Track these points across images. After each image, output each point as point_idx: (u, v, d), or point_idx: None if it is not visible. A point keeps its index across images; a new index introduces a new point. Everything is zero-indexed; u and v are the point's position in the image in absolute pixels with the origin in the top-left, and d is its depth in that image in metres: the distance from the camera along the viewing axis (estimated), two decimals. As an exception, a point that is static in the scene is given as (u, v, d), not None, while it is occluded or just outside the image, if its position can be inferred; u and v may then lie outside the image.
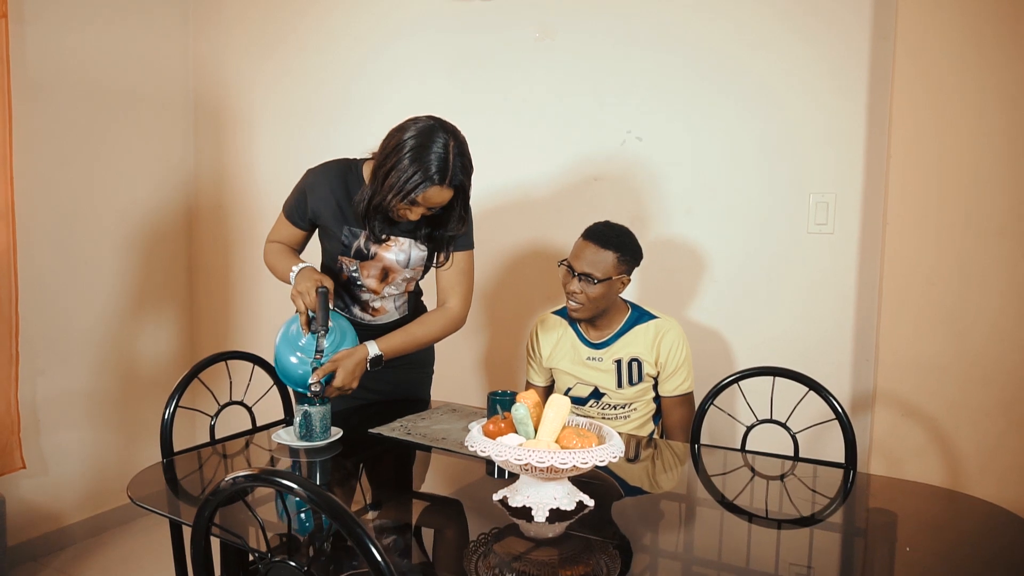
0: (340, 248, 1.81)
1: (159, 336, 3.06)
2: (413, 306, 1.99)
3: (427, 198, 1.61)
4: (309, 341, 1.70)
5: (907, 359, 1.94)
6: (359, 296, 1.88)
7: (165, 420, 1.66)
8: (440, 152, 1.58)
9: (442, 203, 1.65)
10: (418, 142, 1.58)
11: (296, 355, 1.71)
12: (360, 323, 1.90)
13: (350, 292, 1.88)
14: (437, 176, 1.58)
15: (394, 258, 1.81)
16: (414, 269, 1.86)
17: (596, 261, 1.92)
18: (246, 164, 3.04)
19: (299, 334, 1.71)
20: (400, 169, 1.58)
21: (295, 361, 1.71)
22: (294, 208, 1.83)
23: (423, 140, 1.58)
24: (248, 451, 1.74)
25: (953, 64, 1.85)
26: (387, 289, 1.86)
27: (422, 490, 1.55)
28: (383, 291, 1.86)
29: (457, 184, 1.62)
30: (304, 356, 1.70)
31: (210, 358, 1.81)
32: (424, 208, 1.65)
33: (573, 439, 1.29)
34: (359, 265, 1.82)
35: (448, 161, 1.58)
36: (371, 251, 1.79)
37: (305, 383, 1.69)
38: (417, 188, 1.58)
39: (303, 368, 1.70)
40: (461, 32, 2.56)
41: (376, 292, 1.86)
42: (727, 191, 2.24)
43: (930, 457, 1.94)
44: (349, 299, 1.89)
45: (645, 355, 2.00)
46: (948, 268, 1.89)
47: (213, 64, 3.06)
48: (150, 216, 2.99)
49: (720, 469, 1.71)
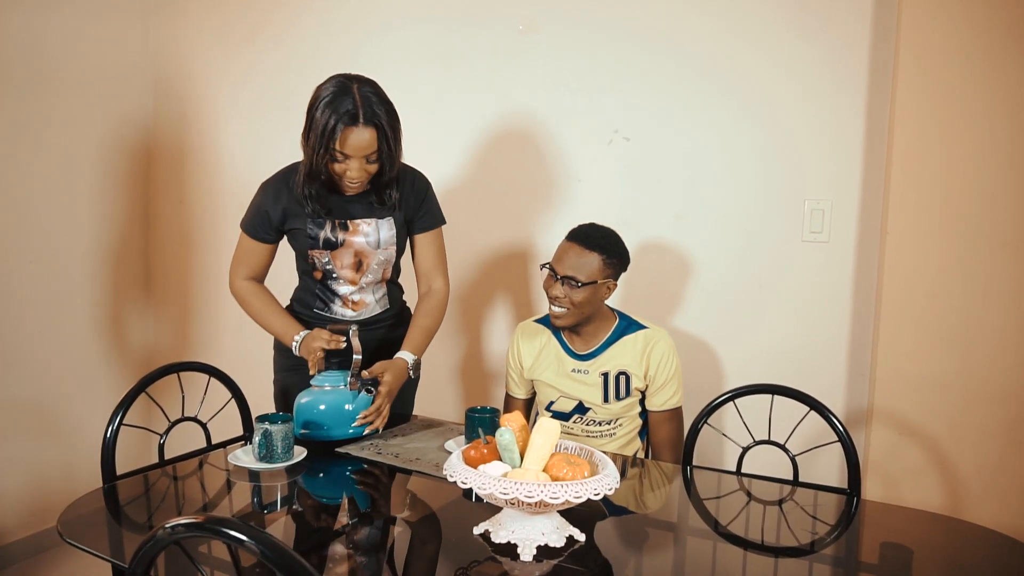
0: (308, 242, 1.75)
1: (112, 343, 2.87)
2: (395, 299, 1.93)
3: (349, 143, 1.58)
4: (325, 379, 1.69)
5: (906, 375, 1.85)
6: (337, 291, 1.82)
7: (107, 440, 1.50)
8: (351, 96, 1.58)
9: (368, 148, 1.61)
10: (327, 93, 1.59)
11: (322, 404, 1.66)
12: (343, 320, 1.84)
13: (327, 288, 1.82)
14: (347, 117, 1.56)
15: (363, 240, 1.77)
16: (386, 249, 1.79)
17: (580, 264, 1.80)
18: (211, 160, 2.87)
19: (313, 399, 1.67)
20: (316, 124, 1.58)
21: (323, 408, 1.65)
22: (256, 223, 1.78)
23: (332, 91, 1.59)
24: (202, 473, 1.59)
25: (957, 67, 1.76)
26: (363, 279, 1.81)
27: (394, 515, 1.41)
28: (360, 280, 1.80)
29: (375, 122, 1.59)
30: (329, 393, 1.67)
31: (160, 370, 1.65)
32: (358, 161, 1.61)
33: (563, 467, 1.17)
34: (330, 256, 1.76)
35: (357, 102, 1.57)
36: (339, 238, 1.75)
37: (342, 414, 1.65)
38: (334, 133, 1.56)
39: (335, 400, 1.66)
40: (441, 24, 2.42)
41: (354, 283, 1.81)
42: (718, 196, 2.13)
43: (929, 478, 1.85)
44: (328, 295, 1.82)
45: (633, 368, 1.88)
46: (950, 281, 1.80)
47: (175, 53, 2.88)
48: (103, 216, 2.80)
49: (713, 492, 1.60)
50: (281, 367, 1.92)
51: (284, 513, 1.40)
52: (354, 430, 1.65)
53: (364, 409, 1.65)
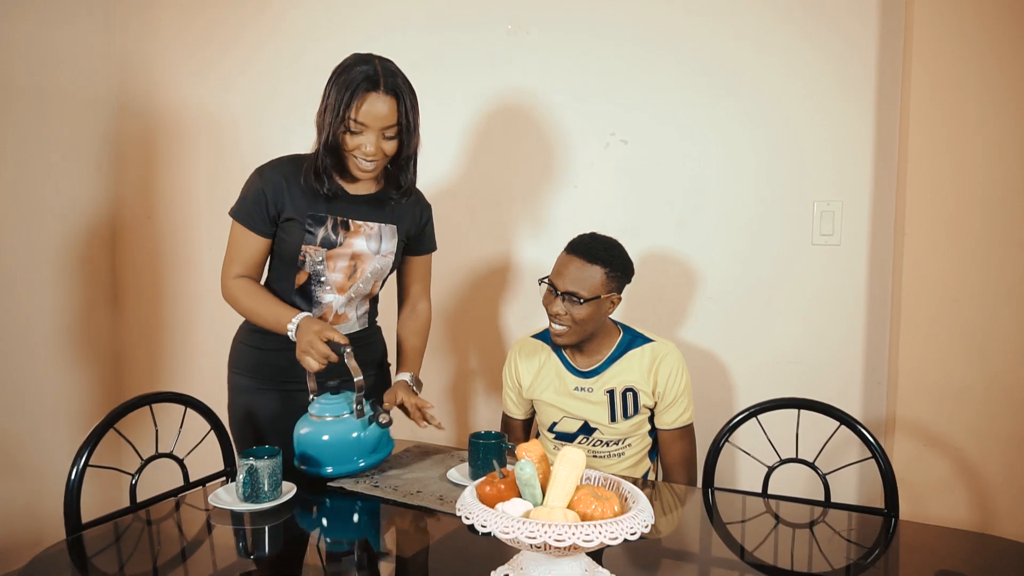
0: (304, 236, 1.58)
1: (77, 371, 2.69)
2: (372, 319, 1.80)
3: (366, 110, 1.48)
4: (326, 407, 1.51)
5: (928, 383, 1.76)
6: (321, 299, 1.64)
7: (71, 484, 1.33)
8: (372, 65, 1.50)
9: (386, 119, 1.50)
10: (342, 68, 1.51)
11: (325, 434, 1.49)
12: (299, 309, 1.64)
13: (308, 296, 1.64)
14: (367, 83, 1.47)
15: (364, 243, 1.63)
16: (384, 257, 1.66)
17: (582, 278, 1.68)
18: (180, 172, 2.71)
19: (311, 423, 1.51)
20: (333, 97, 1.49)
21: (327, 439, 1.49)
22: (253, 211, 1.59)
23: (351, 61, 1.52)
24: (179, 515, 1.44)
25: (971, 62, 1.69)
26: (353, 288, 1.65)
27: (401, 555, 1.27)
28: (349, 289, 1.65)
29: (396, 92, 1.50)
30: (333, 425, 1.50)
31: (130, 403, 1.49)
32: (375, 134, 1.50)
33: (591, 502, 1.04)
34: (325, 255, 1.60)
35: (378, 70, 1.49)
36: (339, 238, 1.60)
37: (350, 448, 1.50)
38: (352, 98, 1.47)
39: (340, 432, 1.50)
40: (426, 28, 2.30)
41: (342, 291, 1.65)
42: (722, 200, 2.03)
43: (955, 491, 1.75)
44: (306, 305, 1.64)
45: (641, 384, 1.77)
46: (972, 283, 1.72)
47: (141, 62, 2.72)
48: (66, 232, 2.62)
49: (737, 516, 1.49)
50: (240, 387, 1.70)
51: (273, 560, 1.26)
52: (366, 462, 1.51)
53: (375, 439, 1.52)
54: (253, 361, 1.68)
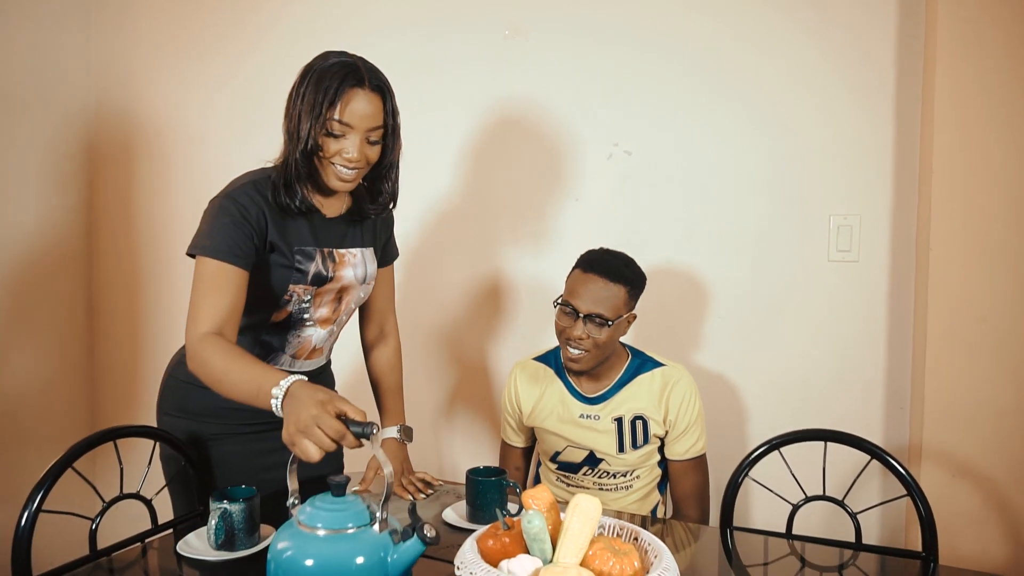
0: (292, 276, 1.38)
1: (47, 397, 2.54)
2: (330, 350, 1.61)
3: (351, 109, 1.30)
4: (326, 514, 0.98)
5: (957, 408, 1.65)
6: (299, 335, 1.45)
7: (20, 531, 1.18)
8: (345, 61, 1.33)
9: (372, 119, 1.32)
10: (315, 66, 1.33)
11: (308, 560, 0.95)
12: (289, 372, 1.26)
13: (284, 335, 1.44)
14: (352, 79, 1.30)
15: (352, 274, 1.47)
16: (368, 285, 1.53)
17: (605, 298, 1.56)
18: (158, 186, 2.58)
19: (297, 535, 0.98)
20: (309, 97, 1.30)
21: (312, 564, 0.95)
22: (233, 241, 1.29)
23: (319, 62, 1.33)
24: (146, 562, 1.30)
25: (1001, 60, 1.59)
26: (336, 321, 1.51)
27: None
28: (333, 324, 1.50)
29: (382, 91, 1.34)
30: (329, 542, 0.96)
31: (91, 438, 1.34)
32: (359, 136, 1.31)
33: (608, 558, 0.92)
34: (314, 293, 1.42)
35: (359, 65, 1.32)
36: (330, 272, 1.43)
37: None
38: (336, 95, 1.29)
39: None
40: (420, 32, 2.18)
41: (326, 323, 1.48)
42: (733, 214, 1.92)
43: (989, 526, 1.63)
44: (279, 343, 1.44)
45: (651, 411, 1.64)
46: (1003, 301, 1.61)
47: (120, 70, 2.60)
48: (39, 249, 2.48)
49: (759, 559, 1.36)
50: (173, 408, 1.48)
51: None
52: None
53: (406, 560, 0.97)
54: (199, 402, 1.44)
